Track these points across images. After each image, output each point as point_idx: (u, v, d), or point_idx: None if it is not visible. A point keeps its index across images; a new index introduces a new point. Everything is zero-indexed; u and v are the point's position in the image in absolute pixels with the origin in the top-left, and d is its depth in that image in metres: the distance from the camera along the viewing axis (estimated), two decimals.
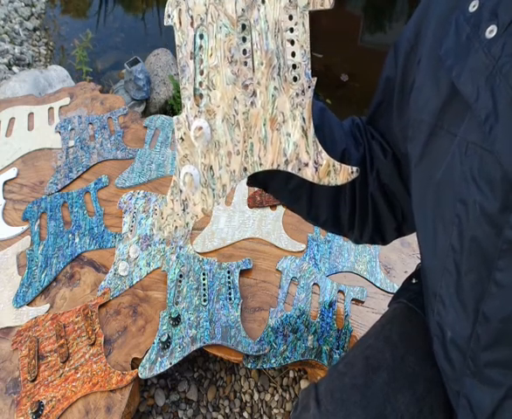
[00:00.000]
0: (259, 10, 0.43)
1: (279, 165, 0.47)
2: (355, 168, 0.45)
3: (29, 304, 0.88)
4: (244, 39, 0.44)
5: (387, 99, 0.49)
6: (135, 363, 0.80)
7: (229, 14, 0.44)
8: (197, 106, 0.46)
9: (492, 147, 0.33)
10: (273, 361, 0.81)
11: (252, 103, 0.45)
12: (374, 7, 3.21)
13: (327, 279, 0.93)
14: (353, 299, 0.91)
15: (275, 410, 0.93)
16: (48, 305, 0.87)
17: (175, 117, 0.48)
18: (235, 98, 0.46)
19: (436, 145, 0.40)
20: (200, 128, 0.46)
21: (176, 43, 0.46)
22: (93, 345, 0.80)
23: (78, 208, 1.03)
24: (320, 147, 0.46)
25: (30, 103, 1.30)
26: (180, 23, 0.45)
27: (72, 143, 1.19)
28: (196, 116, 0.47)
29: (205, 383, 0.96)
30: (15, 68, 1.98)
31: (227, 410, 0.93)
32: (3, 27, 2.17)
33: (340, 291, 0.92)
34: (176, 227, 0.51)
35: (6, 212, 1.04)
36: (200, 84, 0.46)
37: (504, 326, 0.35)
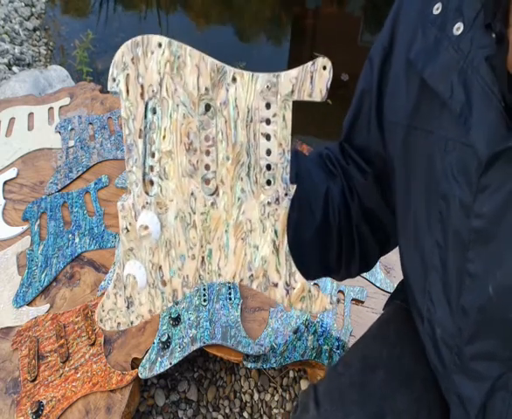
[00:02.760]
0: (227, 90, 0.34)
1: (242, 279, 0.39)
2: (335, 298, 0.39)
3: (29, 304, 0.87)
4: (207, 123, 0.36)
5: (364, 111, 0.48)
6: (135, 363, 0.80)
7: (189, 90, 0.35)
8: (147, 193, 0.38)
9: (468, 139, 0.34)
10: (272, 361, 0.81)
11: (212, 204, 0.37)
12: (374, 7, 3.21)
13: (327, 279, 0.93)
14: (353, 299, 0.91)
15: (275, 410, 0.93)
16: (48, 305, 0.87)
17: (119, 203, 0.39)
18: (192, 194, 0.37)
19: (413, 145, 0.41)
20: (146, 228, 0.37)
21: (122, 114, 0.36)
22: (93, 345, 0.80)
23: (78, 208, 1.03)
24: (294, 268, 0.38)
25: (30, 103, 1.30)
26: (127, 91, 0.36)
27: (72, 143, 1.19)
28: (144, 206, 0.38)
29: (205, 383, 0.96)
30: (15, 68, 1.98)
31: (227, 410, 0.93)
32: (3, 27, 2.17)
33: (340, 291, 0.92)
34: (119, 323, 0.43)
35: (6, 212, 1.04)
36: (151, 168, 0.37)
37: (481, 318, 0.36)
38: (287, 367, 0.91)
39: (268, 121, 0.35)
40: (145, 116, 0.36)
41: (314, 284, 0.92)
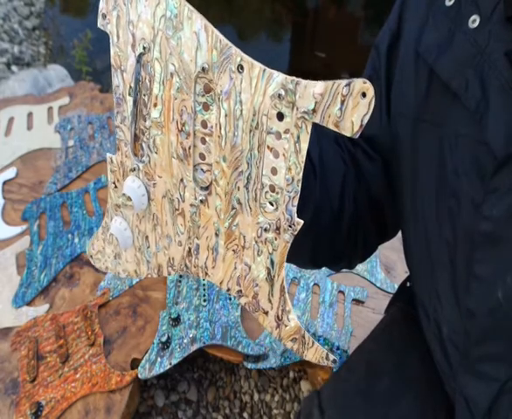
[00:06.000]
0: (231, 78, 0.27)
1: (229, 290, 0.35)
2: (331, 358, 0.33)
3: (28, 304, 0.87)
4: (205, 107, 0.29)
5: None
6: (135, 364, 0.80)
7: (185, 62, 0.28)
8: (136, 156, 0.33)
9: (483, 136, 0.32)
10: (273, 362, 0.80)
11: (202, 201, 0.32)
12: (374, 6, 3.21)
13: (327, 279, 0.93)
14: (353, 300, 0.91)
15: (275, 411, 0.93)
16: (47, 306, 0.87)
17: (108, 154, 0.34)
18: (182, 181, 0.32)
19: (421, 138, 0.40)
20: (129, 199, 0.33)
21: (111, 61, 0.30)
22: (92, 345, 0.80)
23: (77, 208, 1.03)
24: (289, 306, 0.32)
25: (29, 102, 1.30)
26: (117, 35, 0.30)
27: (71, 143, 1.18)
28: (132, 170, 0.33)
29: (205, 384, 0.96)
30: (14, 67, 1.98)
31: (227, 411, 0.93)
32: (2, 26, 2.17)
33: (340, 291, 0.92)
34: (108, 268, 0.40)
35: (5, 212, 1.03)
36: (142, 132, 0.32)
37: (489, 321, 0.35)
38: (288, 367, 0.91)
39: (278, 135, 0.27)
40: (136, 71, 0.30)
41: (315, 284, 0.92)
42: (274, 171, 0.28)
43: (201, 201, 0.32)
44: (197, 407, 0.93)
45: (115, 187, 0.35)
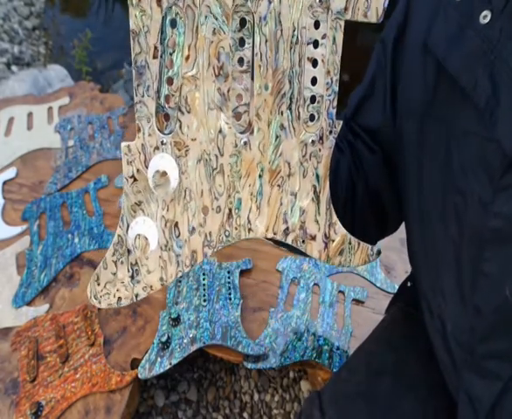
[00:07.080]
0: (269, 1, 0.29)
1: (275, 233, 0.35)
2: (375, 249, 0.36)
3: (28, 304, 0.87)
4: (242, 42, 0.30)
5: (378, 93, 0.45)
6: (135, 364, 0.80)
7: None
8: (161, 131, 0.32)
9: (493, 133, 0.32)
10: (273, 362, 0.80)
11: (245, 143, 0.32)
12: None
13: (327, 279, 0.93)
14: (353, 300, 0.91)
15: (275, 411, 0.93)
16: (47, 306, 0.87)
17: (123, 144, 0.32)
18: (221, 131, 0.31)
19: (427, 134, 0.39)
20: (164, 174, 0.31)
21: (132, 26, 0.29)
22: (92, 345, 0.80)
23: (77, 208, 1.03)
24: (334, 217, 0.35)
25: (29, 102, 1.30)
26: None
27: (71, 143, 1.18)
28: (157, 148, 0.32)
29: (205, 384, 0.96)
30: (14, 67, 1.98)
31: (227, 411, 0.93)
32: (2, 26, 2.17)
33: (340, 291, 0.92)
34: (120, 298, 0.36)
35: (5, 212, 1.03)
36: (167, 99, 0.31)
37: (496, 318, 0.35)
38: (288, 367, 0.91)
39: (316, 43, 0.30)
40: (162, 30, 0.29)
41: (315, 284, 0.92)
42: (314, 80, 0.31)
43: (244, 143, 0.32)
44: (197, 407, 0.93)
45: (134, 180, 0.33)
